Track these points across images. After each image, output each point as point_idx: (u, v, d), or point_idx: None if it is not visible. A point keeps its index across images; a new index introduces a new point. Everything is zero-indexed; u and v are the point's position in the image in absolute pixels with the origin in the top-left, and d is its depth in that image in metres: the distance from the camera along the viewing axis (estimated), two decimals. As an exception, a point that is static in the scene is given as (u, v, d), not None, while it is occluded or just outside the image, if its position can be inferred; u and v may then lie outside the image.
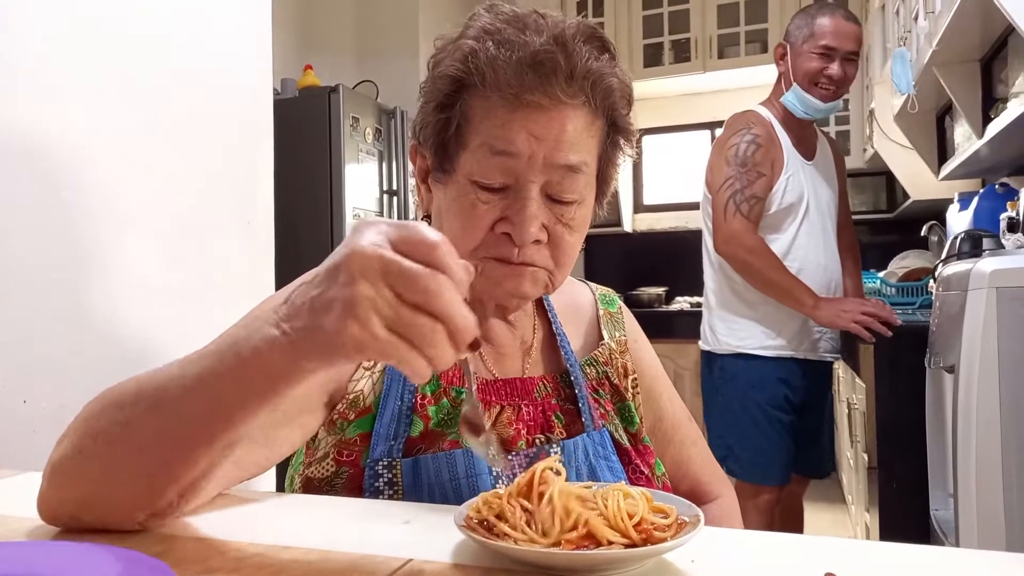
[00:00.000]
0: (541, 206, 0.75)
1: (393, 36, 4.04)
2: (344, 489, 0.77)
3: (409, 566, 0.54)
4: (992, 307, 1.36)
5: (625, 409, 0.91)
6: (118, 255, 1.28)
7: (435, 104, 0.78)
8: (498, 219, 0.75)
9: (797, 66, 2.12)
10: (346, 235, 0.51)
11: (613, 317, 0.97)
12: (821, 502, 3.37)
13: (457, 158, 0.77)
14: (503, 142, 0.73)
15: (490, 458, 0.62)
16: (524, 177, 0.74)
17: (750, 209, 2.03)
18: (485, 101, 0.75)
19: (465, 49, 0.75)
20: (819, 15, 2.13)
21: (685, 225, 4.66)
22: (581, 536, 0.53)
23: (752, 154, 2.06)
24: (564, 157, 0.74)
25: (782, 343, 2.09)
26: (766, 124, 2.13)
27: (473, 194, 0.75)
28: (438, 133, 0.78)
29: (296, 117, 3.11)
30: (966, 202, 2.65)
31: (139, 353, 1.28)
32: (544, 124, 0.73)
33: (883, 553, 0.60)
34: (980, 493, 1.36)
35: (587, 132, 0.77)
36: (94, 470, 0.60)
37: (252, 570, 0.53)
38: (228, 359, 0.55)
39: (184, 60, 1.42)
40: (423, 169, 0.84)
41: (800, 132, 2.18)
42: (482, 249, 0.76)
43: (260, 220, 1.58)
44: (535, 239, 0.75)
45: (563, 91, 0.73)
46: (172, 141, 1.39)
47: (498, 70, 0.73)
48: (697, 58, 4.31)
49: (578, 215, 0.78)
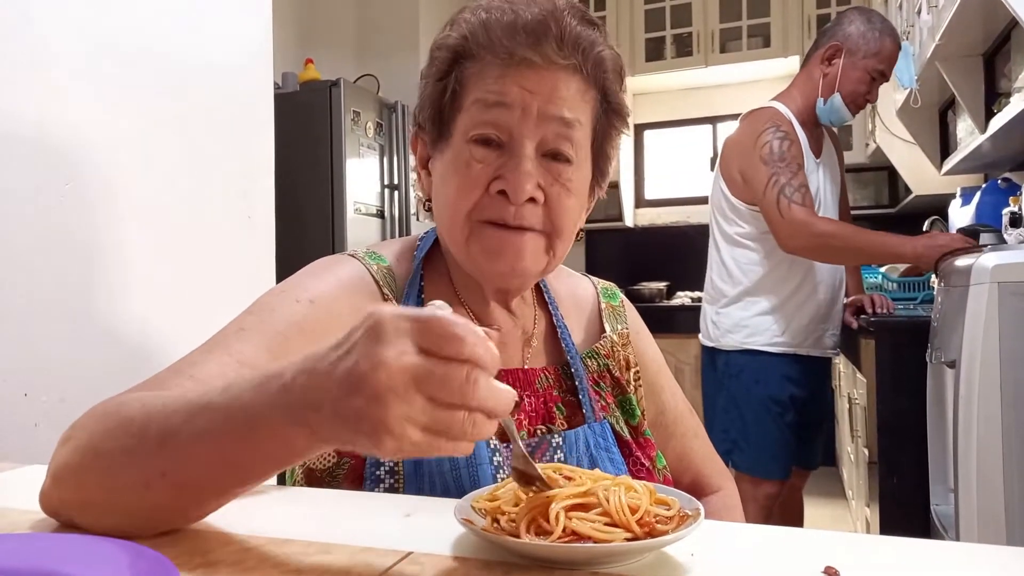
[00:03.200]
0: (536, 164, 0.76)
1: (394, 30, 4.04)
2: (346, 480, 0.77)
3: (409, 559, 0.54)
4: (994, 302, 1.36)
5: (626, 402, 0.91)
6: (119, 249, 1.28)
7: (434, 78, 0.80)
8: (493, 178, 0.76)
9: (848, 78, 2.03)
10: (361, 332, 0.47)
11: (615, 310, 0.97)
12: (821, 496, 3.37)
13: (453, 122, 0.78)
14: (496, 94, 0.75)
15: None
16: (519, 131, 0.75)
17: (803, 197, 1.96)
18: (479, 63, 0.77)
19: (460, 22, 0.79)
20: (887, 34, 2.04)
21: (686, 220, 4.66)
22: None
23: (788, 148, 2.00)
24: (557, 110, 0.75)
25: (787, 340, 2.09)
26: (788, 122, 2.07)
27: (468, 152, 0.76)
28: (435, 103, 0.80)
29: (297, 111, 3.11)
30: (968, 197, 2.64)
31: (140, 347, 1.28)
32: (536, 81, 0.75)
33: (883, 547, 0.60)
34: (981, 488, 1.36)
35: (580, 97, 0.78)
36: (96, 487, 0.58)
37: (253, 563, 0.53)
38: (241, 429, 0.52)
39: (185, 54, 1.42)
40: (423, 156, 0.85)
41: (813, 130, 2.13)
42: (477, 211, 0.77)
43: (261, 214, 1.58)
44: (530, 196, 0.75)
45: (555, 52, 0.74)
46: (173, 135, 1.39)
47: (491, 31, 0.75)
48: (699, 52, 4.30)
49: (575, 177, 0.79)
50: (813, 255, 2.02)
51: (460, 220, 0.78)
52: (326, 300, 0.78)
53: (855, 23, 2.05)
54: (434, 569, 0.52)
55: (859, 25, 2.04)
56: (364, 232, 3.26)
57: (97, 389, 1.19)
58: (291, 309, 0.76)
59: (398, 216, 3.51)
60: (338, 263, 0.83)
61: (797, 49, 4.08)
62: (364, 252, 0.86)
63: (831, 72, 2.05)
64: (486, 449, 0.77)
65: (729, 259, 2.14)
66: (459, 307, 0.85)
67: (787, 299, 2.08)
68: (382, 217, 3.44)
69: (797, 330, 2.09)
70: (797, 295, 2.08)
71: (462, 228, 0.78)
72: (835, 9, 4.07)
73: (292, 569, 0.52)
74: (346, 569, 0.52)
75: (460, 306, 0.85)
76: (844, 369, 3.06)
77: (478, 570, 0.52)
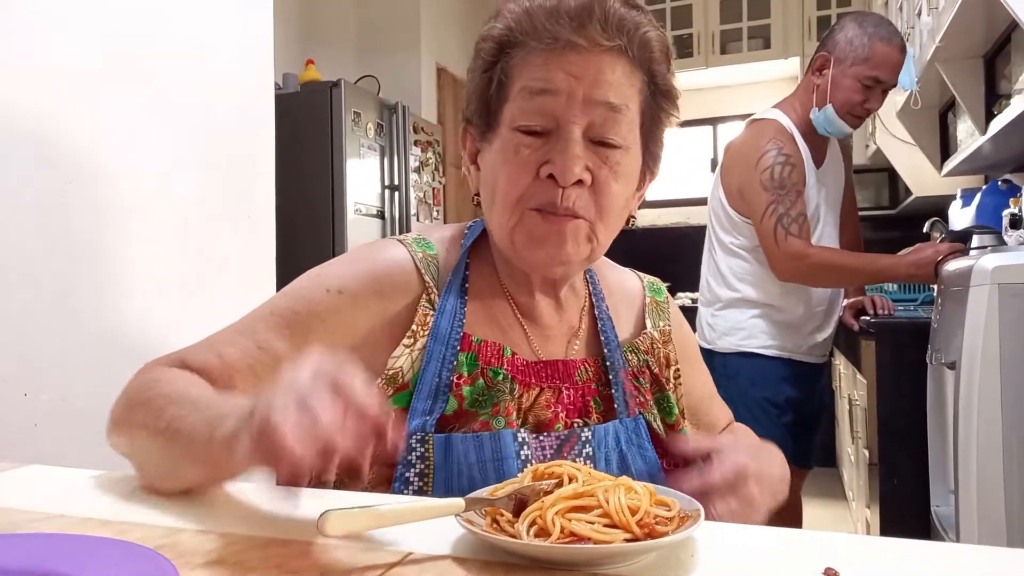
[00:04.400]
0: (584, 148, 0.76)
1: (395, 31, 4.04)
2: (376, 463, 0.77)
3: (409, 559, 0.54)
4: (994, 303, 1.36)
5: (664, 399, 0.90)
6: (119, 249, 1.28)
7: (480, 70, 0.81)
8: (542, 163, 0.76)
9: (839, 87, 1.97)
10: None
11: (659, 306, 0.97)
12: (821, 497, 3.37)
13: (500, 112, 0.79)
14: (541, 81, 0.75)
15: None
16: (565, 118, 0.75)
17: (800, 228, 1.96)
18: (524, 51, 0.77)
19: (504, 13, 0.79)
20: (878, 38, 1.94)
21: (687, 221, 4.66)
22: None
23: (788, 175, 1.97)
24: (603, 95, 0.75)
25: (780, 344, 2.09)
26: (790, 139, 2.02)
27: (516, 139, 0.77)
28: (482, 95, 0.81)
29: (298, 112, 3.11)
30: (969, 198, 2.64)
31: (140, 346, 1.28)
32: (581, 65, 0.75)
33: (884, 549, 0.60)
34: (981, 489, 1.36)
35: (627, 81, 0.77)
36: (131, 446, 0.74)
37: (254, 563, 0.53)
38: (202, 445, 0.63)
39: (186, 54, 1.42)
40: (472, 151, 0.86)
41: (815, 140, 2.08)
42: (527, 198, 0.77)
43: (261, 214, 1.58)
44: (578, 179, 0.75)
45: (599, 34, 0.74)
46: (174, 135, 1.39)
47: (534, 17, 0.75)
48: (699, 54, 4.30)
49: (623, 161, 0.78)
50: (807, 283, 2.04)
51: (510, 206, 0.78)
52: (353, 289, 0.80)
53: (846, 30, 1.99)
54: (434, 569, 0.52)
55: (849, 31, 1.98)
56: (364, 233, 3.26)
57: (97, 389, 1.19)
58: (318, 299, 0.80)
59: (398, 217, 3.51)
60: (381, 249, 0.85)
61: (797, 51, 4.08)
62: (413, 238, 0.87)
63: (822, 83, 2.01)
64: (512, 443, 0.76)
65: (725, 267, 2.14)
66: (502, 299, 0.86)
67: (781, 308, 2.07)
68: (382, 218, 3.44)
69: (792, 338, 2.09)
70: (792, 306, 2.08)
71: (511, 215, 0.78)
72: (835, 11, 4.07)
73: (292, 569, 0.52)
74: (346, 569, 0.52)
75: (503, 298, 0.86)
76: (844, 370, 3.06)
77: (478, 570, 0.52)
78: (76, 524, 0.63)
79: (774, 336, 2.08)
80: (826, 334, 2.13)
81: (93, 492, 0.72)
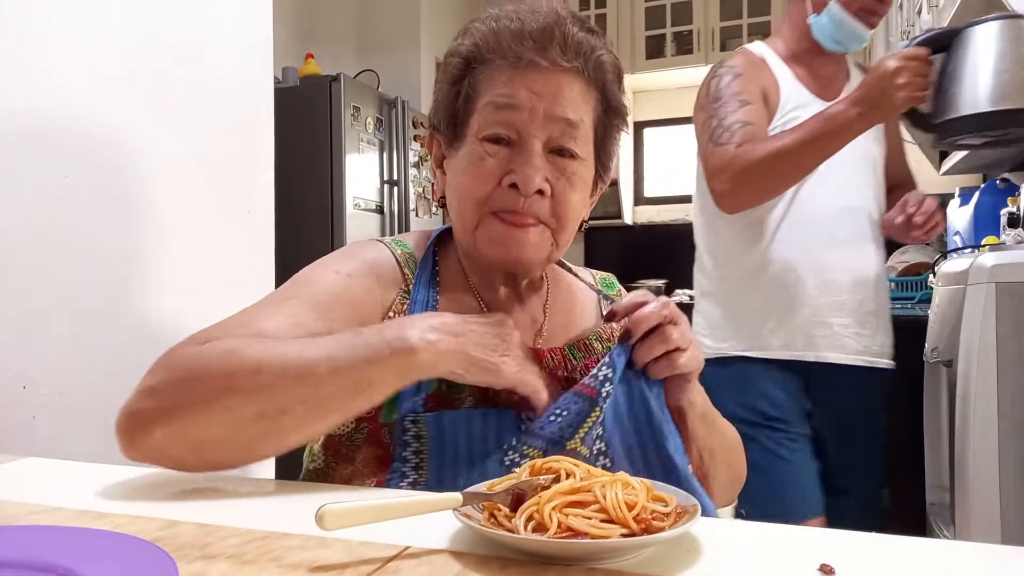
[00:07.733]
0: (544, 160, 0.82)
1: (395, 25, 4.03)
2: (367, 445, 0.81)
3: (406, 553, 0.54)
4: (991, 302, 1.36)
5: None
6: (117, 243, 1.28)
7: (448, 83, 0.87)
8: (505, 172, 0.82)
9: None
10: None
11: (613, 300, 0.99)
12: (818, 495, 3.37)
13: (466, 123, 0.85)
14: (506, 97, 0.82)
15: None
16: (527, 131, 0.81)
17: (732, 136, 1.57)
18: (489, 68, 0.83)
19: (472, 31, 0.86)
20: None
21: (685, 218, 4.65)
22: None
23: (727, 84, 1.65)
24: (563, 111, 0.82)
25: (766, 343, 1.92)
26: (751, 56, 1.71)
27: (481, 149, 0.83)
28: (449, 106, 0.87)
29: (297, 106, 3.10)
30: (967, 197, 2.65)
31: (138, 340, 1.28)
32: (542, 83, 0.81)
33: (879, 545, 0.60)
34: (977, 487, 1.36)
35: (582, 98, 0.84)
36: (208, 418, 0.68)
37: (252, 556, 0.54)
38: (381, 351, 0.70)
39: (185, 48, 1.41)
40: (439, 156, 0.92)
41: (814, 67, 1.69)
42: (489, 202, 0.83)
43: (260, 209, 1.58)
44: (539, 188, 0.81)
45: (559, 56, 0.81)
46: (172, 129, 1.39)
47: (500, 37, 0.82)
48: (700, 50, 4.30)
49: (579, 171, 0.84)
50: (750, 196, 1.60)
51: (472, 208, 0.83)
52: (360, 275, 0.85)
53: None
54: (431, 563, 0.53)
55: None
56: (363, 227, 3.26)
57: (96, 382, 1.19)
58: (331, 280, 0.83)
59: (397, 212, 3.51)
60: (368, 247, 0.90)
61: (797, 48, 4.07)
62: (390, 239, 0.93)
63: None
64: (497, 451, 0.79)
65: (708, 266, 2.10)
66: (469, 295, 0.90)
67: (770, 304, 1.76)
68: (381, 213, 3.44)
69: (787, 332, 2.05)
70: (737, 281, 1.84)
71: (473, 216, 0.84)
72: (836, 8, 4.07)
73: (290, 563, 0.52)
74: (343, 563, 0.52)
75: (470, 294, 0.90)
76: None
77: (475, 565, 0.52)
78: (74, 516, 0.63)
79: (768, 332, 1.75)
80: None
81: (91, 485, 0.72)
